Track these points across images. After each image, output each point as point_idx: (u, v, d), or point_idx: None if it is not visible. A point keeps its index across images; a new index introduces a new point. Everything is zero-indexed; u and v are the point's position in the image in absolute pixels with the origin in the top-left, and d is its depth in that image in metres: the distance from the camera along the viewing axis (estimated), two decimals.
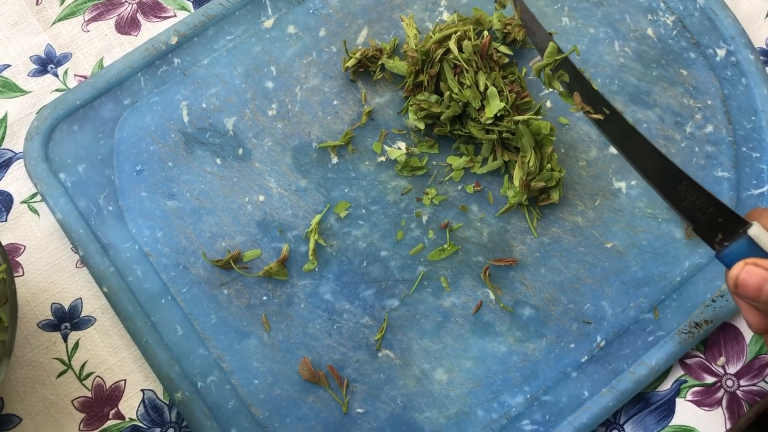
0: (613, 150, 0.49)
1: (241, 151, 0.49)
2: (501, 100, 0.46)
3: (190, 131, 0.49)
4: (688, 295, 0.47)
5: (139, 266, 0.47)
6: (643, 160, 0.38)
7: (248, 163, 0.49)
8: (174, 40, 0.50)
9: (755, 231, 0.35)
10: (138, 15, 0.53)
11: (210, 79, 0.50)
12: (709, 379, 0.47)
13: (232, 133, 0.49)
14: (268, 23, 0.51)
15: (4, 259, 0.41)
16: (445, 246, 0.47)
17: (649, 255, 0.48)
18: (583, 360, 0.46)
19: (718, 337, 0.48)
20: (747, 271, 0.34)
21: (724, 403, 0.47)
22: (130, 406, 0.46)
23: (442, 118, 0.48)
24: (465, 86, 0.47)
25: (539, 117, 0.47)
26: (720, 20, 0.51)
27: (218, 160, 0.48)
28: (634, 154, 0.39)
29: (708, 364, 0.47)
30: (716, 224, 0.36)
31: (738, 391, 0.47)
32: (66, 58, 0.52)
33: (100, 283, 0.46)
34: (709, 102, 0.50)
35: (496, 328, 0.46)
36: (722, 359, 0.47)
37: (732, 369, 0.47)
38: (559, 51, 0.42)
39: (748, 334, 0.48)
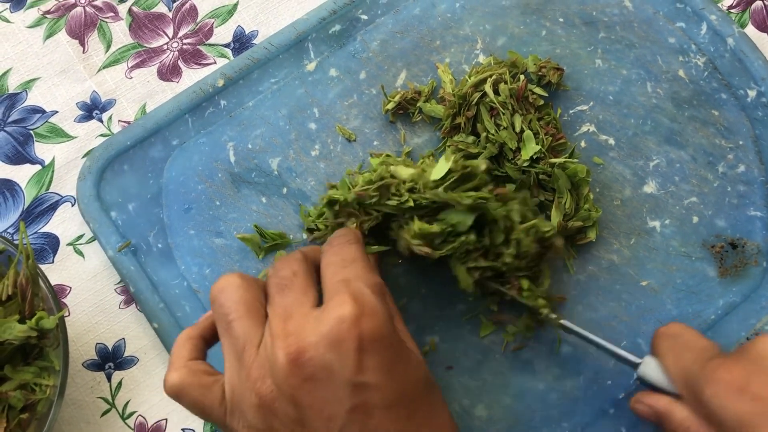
0: (647, 189, 0.51)
1: (285, 190, 0.50)
2: (537, 143, 0.48)
3: (237, 171, 0.51)
4: (723, 333, 0.48)
5: (188, 302, 0.48)
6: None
7: (292, 202, 0.50)
8: (220, 83, 0.52)
9: (642, 370, 0.42)
10: (179, 62, 0.55)
11: (255, 121, 0.52)
12: None
13: (276, 173, 0.51)
14: (311, 66, 0.53)
15: (57, 305, 0.42)
16: None
17: (684, 293, 0.49)
18: (620, 396, 0.47)
19: None
20: (635, 408, 0.43)
21: None
22: None
23: (479, 158, 0.49)
24: (501, 128, 0.48)
25: (575, 160, 0.48)
26: (750, 62, 0.52)
27: (264, 199, 0.50)
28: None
29: None
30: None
31: None
32: (110, 104, 0.54)
33: (150, 319, 0.48)
34: (740, 142, 0.51)
35: (535, 366, 0.47)
36: None
37: None
38: None
39: None
